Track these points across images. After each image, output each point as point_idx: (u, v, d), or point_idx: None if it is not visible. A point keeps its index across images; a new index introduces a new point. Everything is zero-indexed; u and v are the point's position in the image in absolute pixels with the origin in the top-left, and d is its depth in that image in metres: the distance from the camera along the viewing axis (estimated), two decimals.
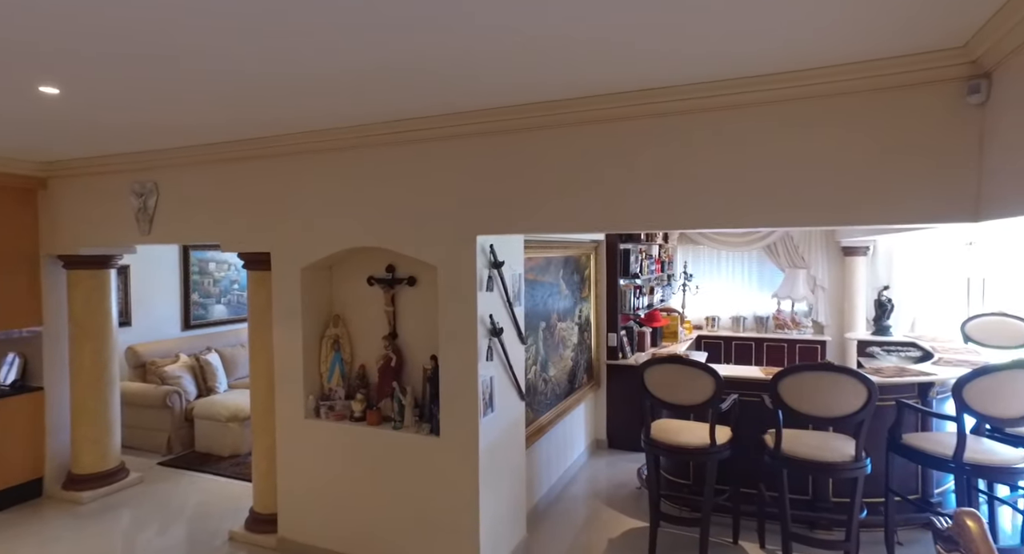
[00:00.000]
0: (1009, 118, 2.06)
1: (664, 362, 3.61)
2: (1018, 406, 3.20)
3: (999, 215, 2.10)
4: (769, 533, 3.89)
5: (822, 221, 2.52)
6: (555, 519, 4.31)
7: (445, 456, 3.32)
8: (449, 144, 3.25)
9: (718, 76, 2.52)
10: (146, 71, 2.36)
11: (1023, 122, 1.96)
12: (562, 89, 2.71)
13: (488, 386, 3.35)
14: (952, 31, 2.08)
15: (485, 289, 3.31)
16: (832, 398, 3.30)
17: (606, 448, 5.76)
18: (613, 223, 2.91)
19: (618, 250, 5.65)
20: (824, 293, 7.37)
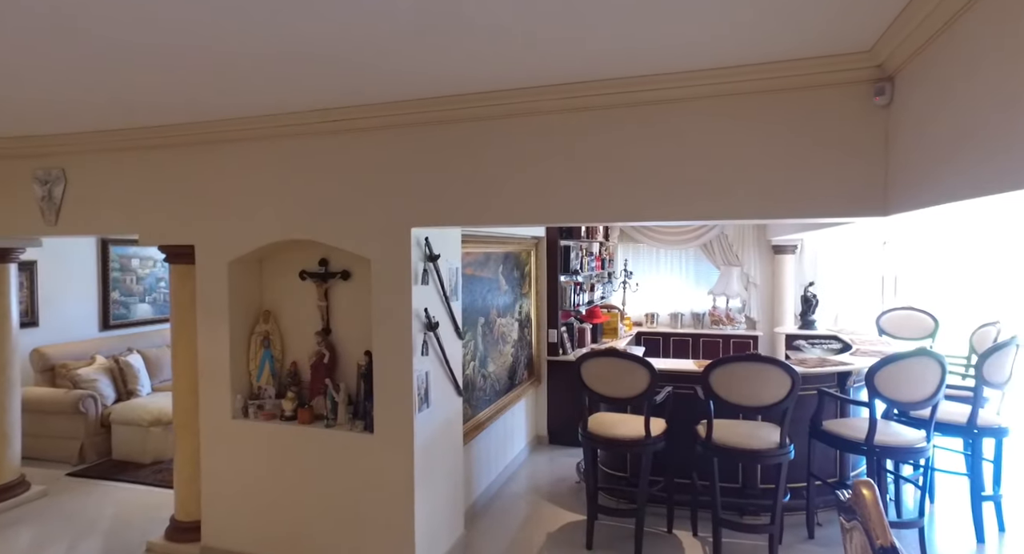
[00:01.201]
0: (907, 120, 2.19)
1: (600, 356, 3.66)
2: (920, 391, 3.42)
3: (903, 209, 2.23)
4: (701, 521, 4.01)
5: (748, 214, 2.60)
6: (494, 515, 4.29)
7: (379, 453, 3.24)
8: (384, 134, 3.18)
9: (649, 71, 2.56)
10: (46, 44, 2.19)
11: (917, 124, 2.09)
12: (495, 80, 2.69)
13: (424, 381, 3.29)
14: (858, 36, 2.19)
15: (420, 283, 3.26)
16: (759, 388, 3.43)
17: (547, 444, 5.80)
18: (548, 216, 2.92)
19: (559, 247, 5.69)
20: (756, 290, 7.68)
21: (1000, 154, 1.49)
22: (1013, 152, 1.42)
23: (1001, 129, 1.49)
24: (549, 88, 2.76)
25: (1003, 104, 1.48)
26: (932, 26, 1.86)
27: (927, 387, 3.46)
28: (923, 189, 2.02)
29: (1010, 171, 1.43)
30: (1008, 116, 1.46)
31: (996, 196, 1.54)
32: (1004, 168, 1.46)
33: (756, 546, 3.76)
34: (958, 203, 1.76)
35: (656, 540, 3.91)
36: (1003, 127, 1.48)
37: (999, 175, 1.48)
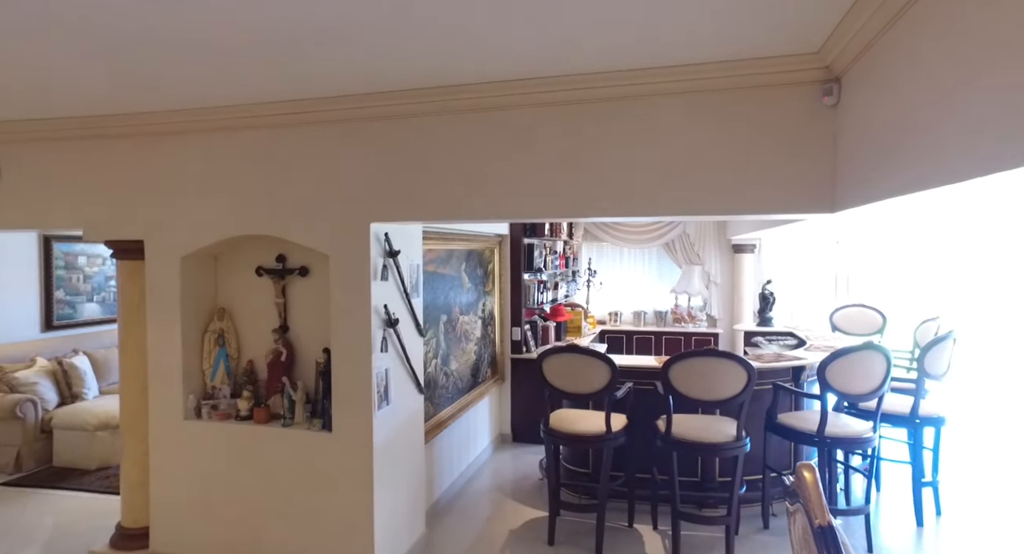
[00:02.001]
0: (853, 119, 2.27)
1: (561, 352, 3.68)
2: (868, 383, 3.55)
3: (848, 206, 2.30)
4: (661, 514, 4.06)
5: (703, 211, 2.65)
6: (457, 514, 4.27)
7: (338, 452, 3.19)
8: (342, 128, 3.13)
9: (606, 68, 2.58)
10: None
11: (862, 123, 2.16)
12: (454, 75, 2.68)
13: (383, 378, 3.25)
14: (807, 38, 2.25)
15: (380, 279, 3.22)
16: (717, 382, 3.50)
17: (511, 442, 5.80)
18: (508, 212, 2.93)
19: (522, 245, 5.71)
20: (717, 288, 7.85)
21: (934, 150, 1.55)
22: (946, 148, 1.49)
23: (934, 127, 1.56)
24: (507, 83, 2.76)
25: (936, 103, 1.55)
26: (873, 29, 1.93)
27: (874, 379, 3.59)
28: (866, 186, 2.10)
29: (943, 167, 1.49)
30: (940, 114, 1.52)
31: (932, 191, 1.60)
32: (937, 164, 1.52)
33: (714, 538, 3.83)
34: (897, 199, 1.83)
35: (617, 534, 3.95)
36: (936, 125, 1.54)
37: (933, 171, 1.54)
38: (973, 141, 1.35)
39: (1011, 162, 1.19)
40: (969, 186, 1.55)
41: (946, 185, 1.46)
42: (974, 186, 1.57)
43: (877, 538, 3.80)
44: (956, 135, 1.44)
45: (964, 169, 1.37)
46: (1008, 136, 1.21)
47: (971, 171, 1.34)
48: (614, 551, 3.73)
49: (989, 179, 1.36)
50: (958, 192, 1.81)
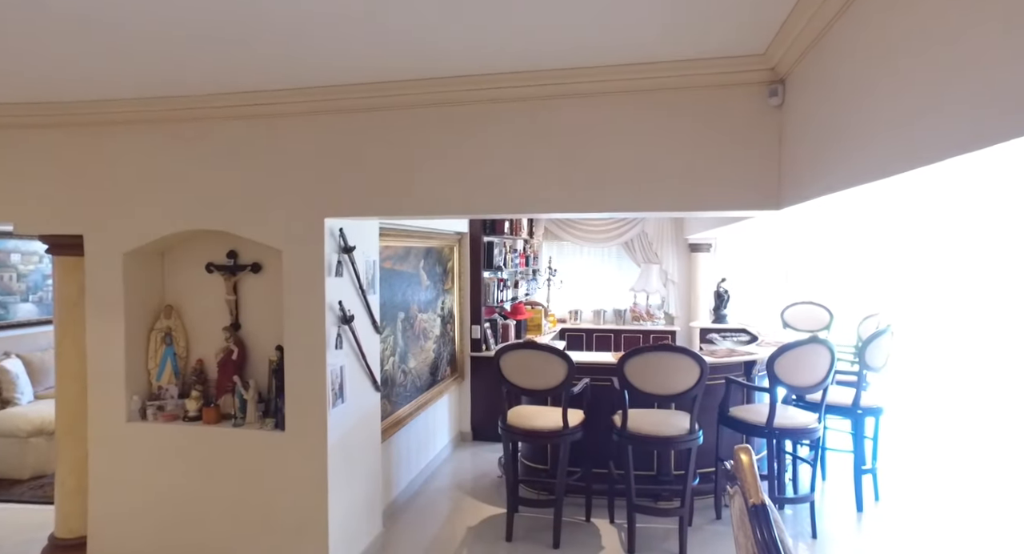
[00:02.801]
0: (796, 119, 2.35)
1: (518, 348, 3.70)
2: (813, 376, 3.69)
3: (792, 203, 2.39)
4: (618, 508, 4.12)
5: (654, 207, 2.71)
6: (415, 512, 4.24)
7: (291, 451, 3.13)
8: (296, 121, 3.07)
9: (560, 65, 2.61)
10: None
11: (804, 123, 2.25)
12: (409, 70, 2.66)
13: (338, 375, 3.20)
14: (754, 40, 2.33)
15: (335, 275, 3.17)
16: (671, 376, 3.57)
17: (470, 440, 5.79)
18: (463, 207, 2.93)
19: (482, 243, 5.71)
20: (675, 287, 8.01)
21: (864, 148, 1.62)
22: (875, 146, 1.56)
23: (864, 126, 1.63)
24: (463, 79, 2.76)
25: (865, 103, 1.62)
26: (812, 32, 2.01)
27: (819, 372, 3.73)
28: (807, 184, 2.18)
29: (872, 163, 1.57)
30: (870, 113, 1.60)
31: (865, 187, 1.68)
32: (868, 161, 1.60)
33: (668, 529, 3.91)
34: (836, 196, 1.91)
35: (575, 529, 3.99)
36: (866, 124, 1.62)
37: (864, 168, 1.62)
38: (898, 138, 1.43)
39: (933, 156, 1.26)
40: (900, 183, 1.63)
41: (875, 180, 1.53)
42: (905, 184, 1.66)
43: (821, 524, 3.95)
44: (883, 133, 1.51)
45: (891, 165, 1.45)
46: (929, 131, 1.28)
47: (897, 167, 1.41)
48: (571, 545, 3.76)
49: (914, 174, 1.44)
50: (890, 189, 1.90)
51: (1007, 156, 1.30)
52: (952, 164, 1.29)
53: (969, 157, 1.18)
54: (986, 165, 1.52)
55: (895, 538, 3.85)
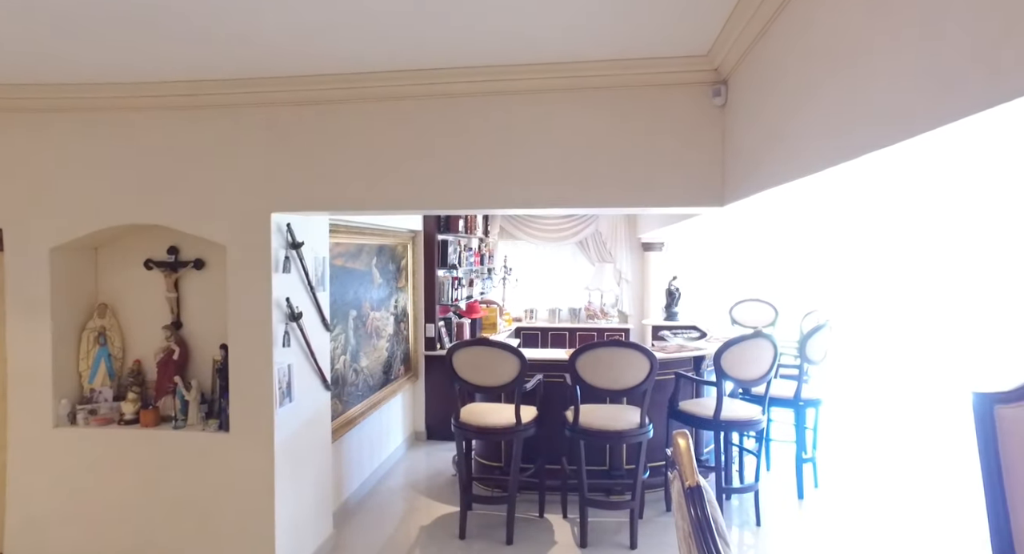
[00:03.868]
0: (738, 119, 2.44)
1: (471, 345, 3.69)
2: (757, 369, 3.82)
3: (733, 200, 2.47)
4: (571, 504, 4.16)
5: (602, 203, 2.75)
6: (368, 513, 4.18)
7: (236, 453, 3.03)
8: (241, 112, 2.99)
9: (507, 61, 2.62)
10: None
11: (743, 124, 2.33)
12: (357, 62, 2.63)
13: (286, 374, 3.13)
14: (697, 41, 2.40)
15: (282, 271, 3.10)
16: (621, 371, 3.64)
17: (425, 439, 5.75)
18: (412, 203, 2.92)
19: (436, 241, 5.67)
20: (628, 285, 8.16)
21: (794, 146, 1.70)
22: (803, 144, 1.63)
23: (794, 125, 1.70)
24: (411, 73, 2.74)
25: (793, 104, 1.70)
26: (751, 33, 2.08)
27: (763, 365, 3.87)
28: (747, 180, 2.26)
29: (800, 160, 1.64)
30: (797, 114, 1.67)
31: (798, 182, 1.75)
32: (797, 158, 1.67)
33: (620, 522, 3.97)
34: (770, 191, 1.98)
35: (528, 525, 4.01)
36: (795, 124, 1.69)
37: (793, 165, 1.69)
38: (827, 135, 1.50)
39: (857, 152, 1.32)
40: (834, 182, 1.71)
41: (808, 175, 1.60)
42: (840, 185, 1.74)
43: (765, 512, 4.09)
44: (814, 130, 1.58)
45: (820, 161, 1.51)
46: (854, 127, 1.34)
47: (826, 162, 1.48)
48: (525, 541, 3.78)
49: (846, 173, 1.51)
50: (826, 189, 1.98)
51: (935, 155, 1.38)
52: (879, 162, 1.36)
53: (893, 153, 1.25)
54: (916, 164, 1.62)
55: (833, 522, 4.03)
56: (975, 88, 0.91)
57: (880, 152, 1.23)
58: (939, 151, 1.43)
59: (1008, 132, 1.16)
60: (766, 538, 3.88)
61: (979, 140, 1.29)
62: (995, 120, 0.97)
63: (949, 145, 1.31)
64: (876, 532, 3.90)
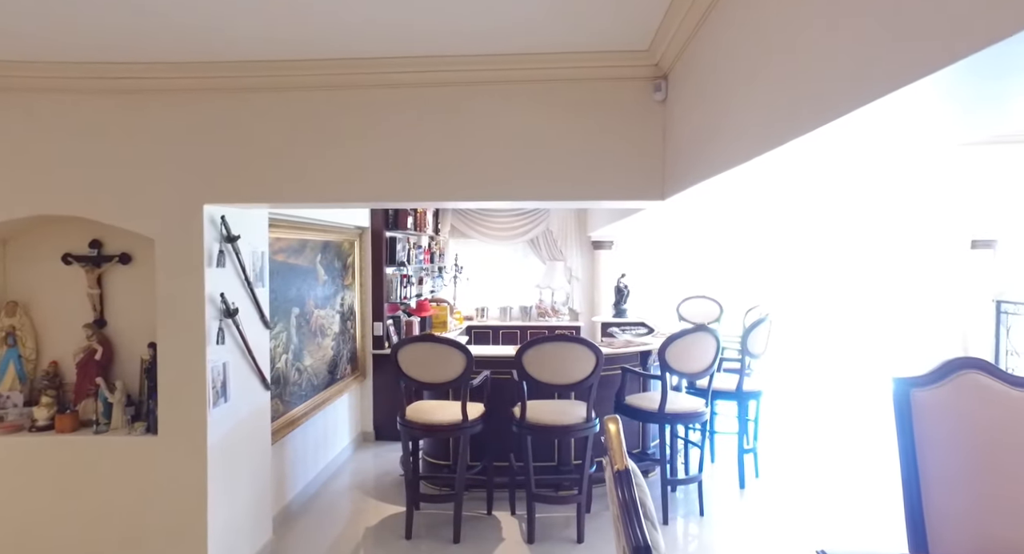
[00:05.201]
0: (676, 114, 2.48)
1: (416, 341, 3.63)
2: (700, 362, 3.91)
3: (673, 193, 2.51)
4: (519, 500, 4.15)
5: (544, 196, 2.75)
6: (311, 516, 4.05)
7: (165, 456, 2.88)
8: (172, 98, 2.84)
9: (453, 52, 2.59)
10: None
11: (682, 118, 2.37)
12: (301, 48, 2.54)
13: (221, 373, 2.99)
14: (638, 36, 2.42)
15: (216, 265, 2.96)
16: (568, 366, 3.65)
17: (373, 440, 5.63)
18: (353, 195, 2.85)
19: (384, 238, 5.57)
20: (578, 283, 8.23)
21: (728, 136, 1.73)
22: (735, 135, 1.66)
23: (730, 116, 1.74)
24: (352, 61, 2.67)
25: (730, 95, 1.73)
26: (687, 30, 2.12)
27: (706, 359, 3.96)
28: (685, 173, 2.30)
29: (733, 151, 1.67)
30: (733, 104, 1.70)
31: (729, 173, 1.79)
32: (730, 149, 1.70)
33: (568, 517, 3.99)
34: (706, 182, 2.02)
35: (476, 522, 3.98)
36: (731, 114, 1.73)
37: (728, 155, 1.72)
38: (755, 125, 1.53)
39: (782, 138, 1.35)
40: (767, 173, 1.75)
41: (738, 165, 1.63)
42: (776, 178, 1.78)
43: (708, 502, 4.19)
44: (743, 122, 1.62)
45: (749, 150, 1.54)
46: (779, 115, 1.37)
47: (754, 151, 1.51)
48: (472, 539, 3.75)
49: (774, 159, 1.55)
50: (763, 185, 2.03)
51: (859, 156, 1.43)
52: (807, 148, 1.39)
53: (820, 140, 1.28)
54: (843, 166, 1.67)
55: (772, 511, 4.16)
56: (892, 67, 0.94)
57: (807, 137, 1.26)
58: (863, 150, 1.48)
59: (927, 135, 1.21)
60: (709, 528, 3.97)
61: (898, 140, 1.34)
62: (909, 106, 1.01)
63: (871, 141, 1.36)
64: (811, 516, 4.05)
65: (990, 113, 1.05)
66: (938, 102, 0.97)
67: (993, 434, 1.84)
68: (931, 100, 0.95)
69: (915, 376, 2.04)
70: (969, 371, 1.96)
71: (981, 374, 1.95)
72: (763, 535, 3.86)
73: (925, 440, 1.92)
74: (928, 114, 1.06)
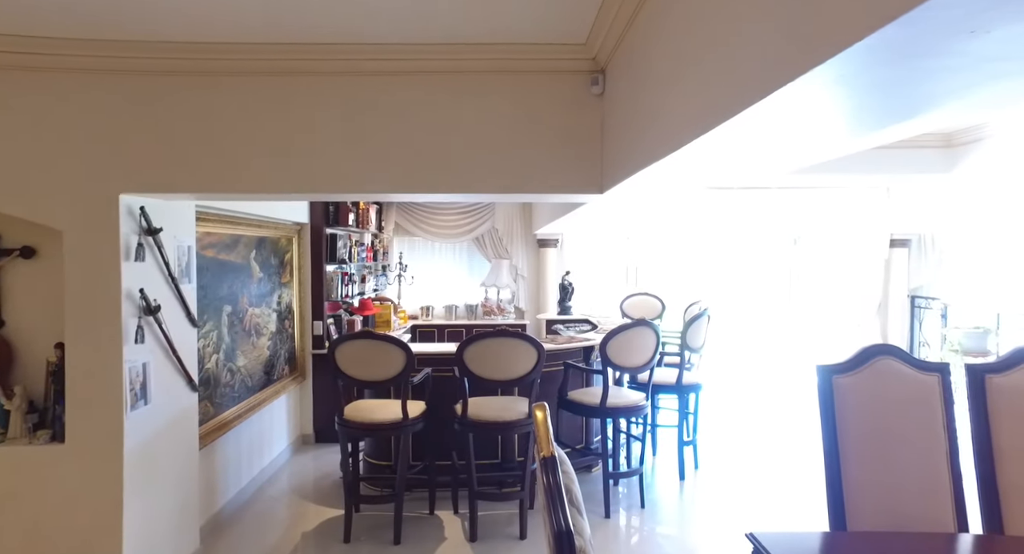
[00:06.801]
0: (613, 108, 2.49)
1: (354, 338, 3.54)
2: (641, 356, 3.97)
3: (611, 186, 2.53)
4: (462, 499, 4.09)
5: (482, 189, 2.72)
6: (244, 523, 3.88)
7: (74, 465, 2.67)
8: (82, 79, 2.65)
9: (383, 39, 2.52)
10: None
11: (618, 112, 2.39)
12: (224, 30, 2.41)
13: (140, 374, 2.81)
14: (576, 30, 2.43)
15: (134, 259, 2.78)
16: (509, 361, 3.63)
17: (313, 443, 5.45)
18: (283, 187, 2.74)
19: (324, 234, 5.41)
20: (524, 281, 8.24)
21: (655, 129, 1.74)
22: (662, 126, 1.68)
23: (657, 108, 1.75)
24: (279, 46, 2.57)
25: (659, 88, 1.74)
26: (621, 23, 2.13)
27: (646, 353, 4.02)
28: (621, 166, 2.32)
29: (667, 139, 1.68)
30: (661, 97, 1.72)
31: (665, 163, 1.80)
32: (664, 136, 1.71)
33: (512, 514, 3.96)
34: (642, 173, 2.03)
35: (418, 522, 3.91)
36: (658, 106, 1.74)
37: (654, 146, 1.74)
38: (685, 112, 1.54)
39: (703, 128, 1.37)
40: (693, 163, 1.77)
41: (672, 153, 1.64)
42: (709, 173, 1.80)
43: (649, 494, 4.26)
44: (674, 110, 1.63)
45: (682, 136, 1.55)
46: (708, 100, 1.39)
47: (687, 137, 1.52)
48: (413, 539, 3.67)
49: (694, 151, 1.56)
50: (699, 178, 2.06)
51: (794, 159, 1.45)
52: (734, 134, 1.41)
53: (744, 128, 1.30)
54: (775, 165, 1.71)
55: (710, 500, 4.27)
56: (790, 58, 0.96)
57: (735, 119, 1.26)
58: (781, 139, 1.52)
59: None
60: (650, 519, 4.03)
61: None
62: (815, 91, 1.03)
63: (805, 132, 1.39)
64: (746, 503, 4.18)
65: (882, 102, 1.10)
66: (835, 89, 1.00)
67: (903, 414, 1.93)
68: (827, 88, 0.98)
69: (836, 364, 2.12)
70: (883, 357, 2.06)
71: (893, 360, 2.04)
72: (701, 524, 3.96)
73: (845, 422, 1.99)
74: (827, 103, 1.09)
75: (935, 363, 2.15)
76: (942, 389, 2.05)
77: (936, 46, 0.79)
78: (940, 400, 2.03)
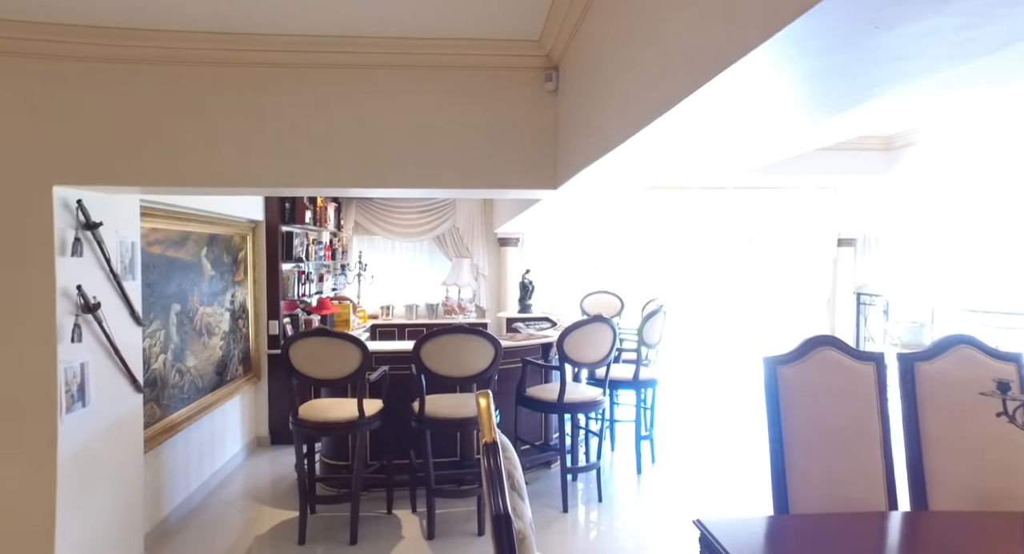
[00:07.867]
0: (566, 104, 2.52)
1: (308, 336, 3.47)
2: (598, 352, 4.02)
3: (564, 181, 2.55)
4: (420, 497, 4.07)
5: (436, 184, 2.71)
6: (193, 530, 3.76)
7: (2, 472, 2.54)
8: (10, 64, 2.52)
9: (338, 31, 2.49)
10: None
11: (570, 109, 2.42)
12: (175, 18, 2.34)
13: (77, 374, 2.70)
14: (529, 26, 2.44)
15: (70, 254, 2.67)
16: (467, 358, 3.62)
17: (269, 445, 5.33)
18: (230, 180, 2.67)
19: (280, 232, 5.29)
20: (485, 280, 8.23)
21: (598, 128, 1.77)
22: (607, 121, 1.70)
23: (603, 105, 1.78)
24: (234, 37, 2.51)
25: (605, 85, 1.77)
26: (572, 20, 2.15)
27: (603, 348, 4.07)
28: (572, 162, 2.34)
29: (617, 131, 1.71)
30: (607, 93, 1.74)
31: (618, 153, 1.83)
32: (613, 128, 1.74)
33: (470, 511, 3.96)
34: (594, 166, 2.06)
35: (375, 522, 3.86)
36: (604, 103, 1.77)
37: (611, 137, 1.76)
38: (623, 110, 1.57)
39: (647, 120, 1.39)
40: (640, 155, 1.80)
41: (623, 143, 1.65)
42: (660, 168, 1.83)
43: (607, 488, 4.31)
44: (623, 102, 1.66)
45: (633, 125, 1.57)
46: (654, 91, 1.41)
47: (636, 126, 1.54)
48: (370, 539, 3.63)
49: (640, 143, 1.59)
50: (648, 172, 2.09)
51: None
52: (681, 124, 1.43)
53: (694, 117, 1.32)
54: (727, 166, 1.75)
55: (665, 493, 4.35)
56: (723, 48, 0.99)
57: (679, 108, 1.28)
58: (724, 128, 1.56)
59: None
60: (607, 513, 4.07)
61: None
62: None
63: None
64: (699, 494, 4.28)
65: (821, 91, 1.14)
66: (771, 75, 1.03)
67: (842, 401, 2.01)
68: (761, 73, 1.01)
69: (781, 355, 2.19)
70: (824, 348, 2.14)
71: (833, 350, 2.12)
72: (656, 516, 4.02)
73: (789, 410, 2.06)
74: (763, 88, 1.13)
75: (871, 353, 2.24)
76: (877, 377, 2.14)
77: (848, 40, 0.83)
78: (875, 388, 2.12)
